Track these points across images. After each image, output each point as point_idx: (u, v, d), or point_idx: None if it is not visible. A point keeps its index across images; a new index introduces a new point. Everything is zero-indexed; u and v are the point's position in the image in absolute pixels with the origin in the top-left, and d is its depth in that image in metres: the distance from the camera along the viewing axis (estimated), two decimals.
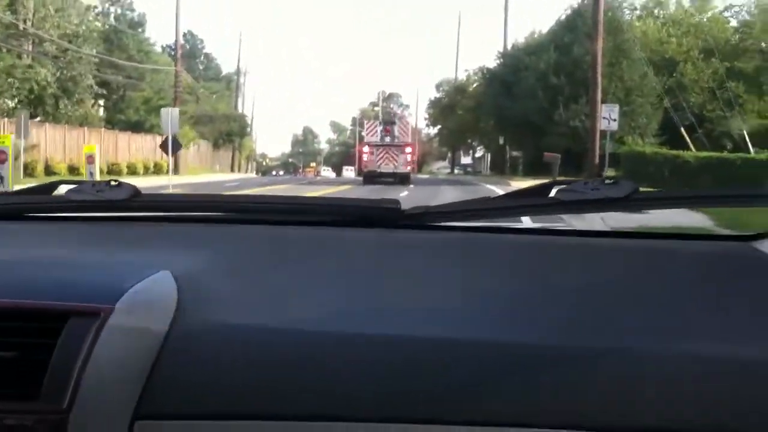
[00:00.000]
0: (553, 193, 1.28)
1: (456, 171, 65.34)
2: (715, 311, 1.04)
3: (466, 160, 72.33)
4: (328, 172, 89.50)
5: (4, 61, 33.05)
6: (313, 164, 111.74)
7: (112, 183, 1.35)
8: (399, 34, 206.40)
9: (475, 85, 52.11)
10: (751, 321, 1.02)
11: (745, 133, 31.13)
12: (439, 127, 63.13)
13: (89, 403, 0.93)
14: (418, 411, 0.95)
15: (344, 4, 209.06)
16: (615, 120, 25.95)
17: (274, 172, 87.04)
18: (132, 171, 39.45)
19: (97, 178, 21.72)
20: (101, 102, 49.09)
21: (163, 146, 20.94)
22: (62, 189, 1.44)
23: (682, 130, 32.10)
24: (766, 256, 1.16)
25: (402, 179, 34.61)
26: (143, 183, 32.08)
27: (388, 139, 36.75)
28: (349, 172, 78.01)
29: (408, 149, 36.60)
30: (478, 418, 0.94)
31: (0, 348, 0.95)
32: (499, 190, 27.77)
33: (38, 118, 36.51)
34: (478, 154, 64.30)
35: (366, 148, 37.08)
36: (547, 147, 35.15)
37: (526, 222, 7.95)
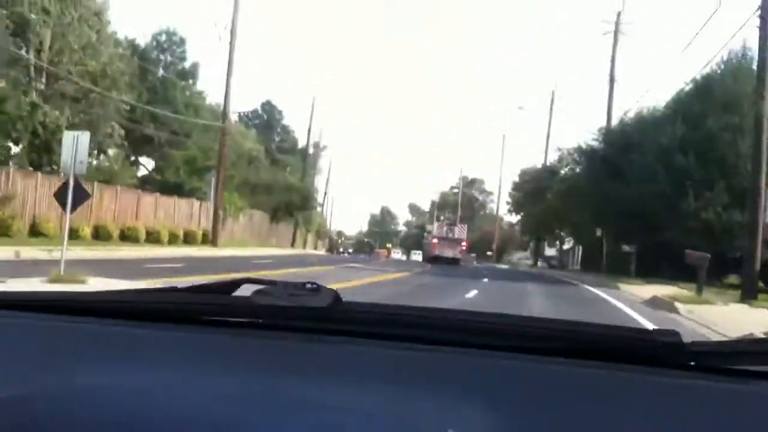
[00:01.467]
0: None
1: (539, 263, 56.24)
2: None
3: (550, 251, 63.21)
4: (398, 255, 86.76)
5: None
6: (388, 245, 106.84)
7: (308, 286, 1.13)
8: (486, 116, 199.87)
9: (567, 167, 43.52)
10: None
11: None
12: (522, 214, 54.35)
13: None
14: None
15: (430, 86, 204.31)
16: None
17: (341, 250, 79.66)
18: (154, 239, 32.01)
19: None
20: (143, 159, 42.50)
21: (59, 195, 12.73)
22: (246, 289, 1.21)
23: None
24: None
25: (456, 261, 48.80)
26: (137, 253, 24.29)
27: (450, 235, 53.40)
28: (416, 255, 77.12)
29: (463, 243, 52.94)
30: None
31: None
32: (607, 296, 19.52)
33: (47, 169, 29.72)
34: (567, 246, 55.11)
35: (435, 240, 53.39)
36: (667, 243, 26.31)
37: None
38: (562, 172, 44.66)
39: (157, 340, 1.16)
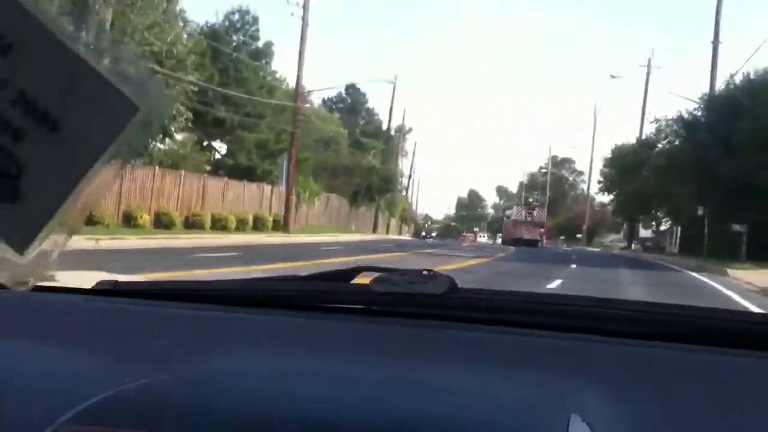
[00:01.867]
0: None
1: (634, 246, 52.27)
2: None
3: (644, 233, 59.09)
4: (484, 239, 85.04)
5: None
6: (476, 229, 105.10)
7: (425, 273, 1.15)
8: (574, 93, 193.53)
9: (666, 140, 39.56)
10: None
11: None
12: (615, 193, 50.23)
13: None
14: None
15: (513, 65, 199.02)
16: None
17: (424, 234, 77.28)
18: (222, 226, 30.17)
19: None
20: (217, 144, 40.79)
21: None
22: (364, 277, 1.26)
23: None
24: None
25: (534, 243, 50.30)
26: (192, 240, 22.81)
27: (528, 219, 56.80)
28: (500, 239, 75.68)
29: (541, 228, 56.23)
30: None
31: None
32: (716, 284, 16.44)
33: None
34: (663, 227, 50.88)
35: (514, 223, 56.90)
36: None
37: None
38: (660, 145, 40.73)
39: (280, 326, 1.18)
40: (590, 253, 42.22)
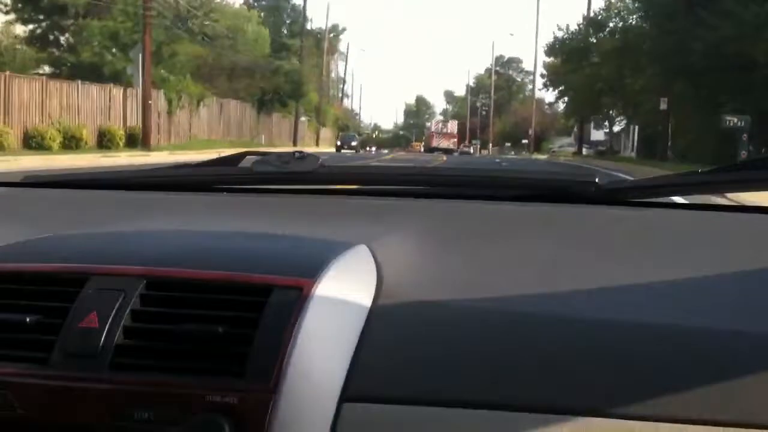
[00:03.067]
0: None
1: (585, 151, 44.53)
2: None
3: (597, 135, 51.53)
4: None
5: None
6: (425, 138, 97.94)
7: (297, 155, 1.32)
8: None
9: (618, 17, 31.33)
10: None
11: None
12: (561, 88, 42.20)
13: (297, 382, 0.81)
14: (616, 404, 0.79)
15: None
16: None
17: (339, 143, 65.59)
18: (37, 144, 21.84)
19: None
20: (59, 35, 31.74)
21: None
22: (248, 160, 1.41)
23: None
24: None
25: (449, 151, 61.37)
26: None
27: (444, 130, 69.77)
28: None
29: (454, 138, 70.22)
30: (675, 414, 0.78)
31: (207, 321, 0.85)
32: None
33: None
34: (618, 127, 43.14)
35: (432, 134, 70.52)
36: None
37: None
38: (611, 24, 32.58)
39: (172, 202, 1.36)
40: (532, 162, 34.52)
